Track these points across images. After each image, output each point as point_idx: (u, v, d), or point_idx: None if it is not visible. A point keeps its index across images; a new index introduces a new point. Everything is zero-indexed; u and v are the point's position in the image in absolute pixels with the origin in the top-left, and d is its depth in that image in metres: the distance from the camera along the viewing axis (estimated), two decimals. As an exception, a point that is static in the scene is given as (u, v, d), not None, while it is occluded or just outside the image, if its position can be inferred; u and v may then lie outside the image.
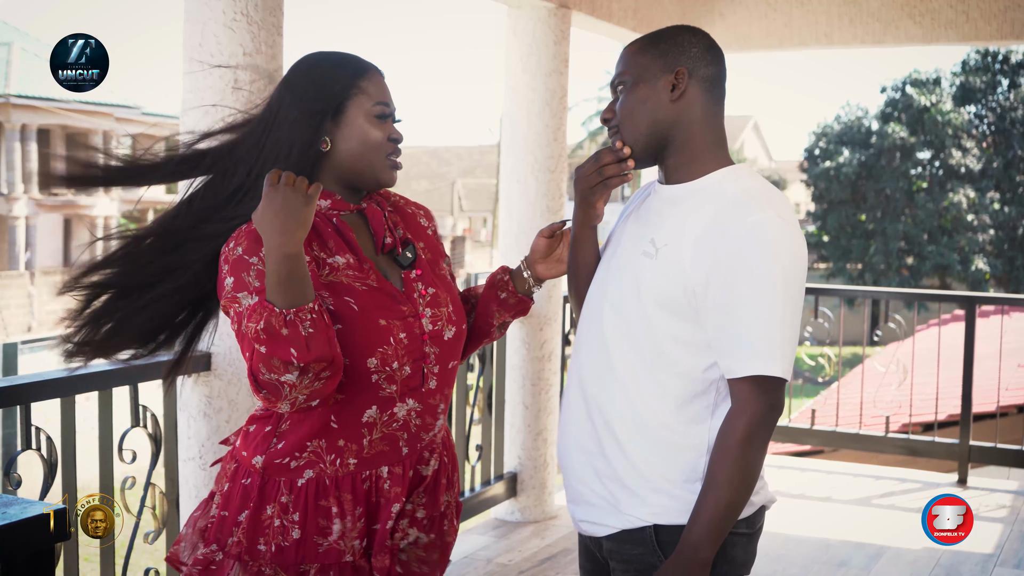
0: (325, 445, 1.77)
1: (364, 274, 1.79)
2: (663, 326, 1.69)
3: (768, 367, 1.63)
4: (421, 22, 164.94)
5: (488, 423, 4.36)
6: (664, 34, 1.78)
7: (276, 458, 1.78)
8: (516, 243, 4.43)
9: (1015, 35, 5.25)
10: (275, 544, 1.77)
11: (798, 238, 1.67)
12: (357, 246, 1.81)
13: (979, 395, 5.99)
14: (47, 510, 1.56)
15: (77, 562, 2.57)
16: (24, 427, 2.51)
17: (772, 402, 1.65)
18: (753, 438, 1.64)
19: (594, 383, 1.78)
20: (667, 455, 1.71)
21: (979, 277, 24.55)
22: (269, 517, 1.78)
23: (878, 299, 6.09)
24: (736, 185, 1.71)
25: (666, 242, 1.71)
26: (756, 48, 5.73)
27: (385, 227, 1.85)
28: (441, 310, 1.85)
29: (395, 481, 1.81)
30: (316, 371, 1.62)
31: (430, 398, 1.83)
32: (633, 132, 1.76)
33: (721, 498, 1.63)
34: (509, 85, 4.45)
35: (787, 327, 1.64)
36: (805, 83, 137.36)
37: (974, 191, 24.73)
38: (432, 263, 1.92)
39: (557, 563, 3.94)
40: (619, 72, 1.78)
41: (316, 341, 1.60)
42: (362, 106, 1.79)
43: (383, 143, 1.80)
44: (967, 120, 25.41)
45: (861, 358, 6.60)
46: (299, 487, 1.77)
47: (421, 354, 1.80)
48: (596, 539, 1.82)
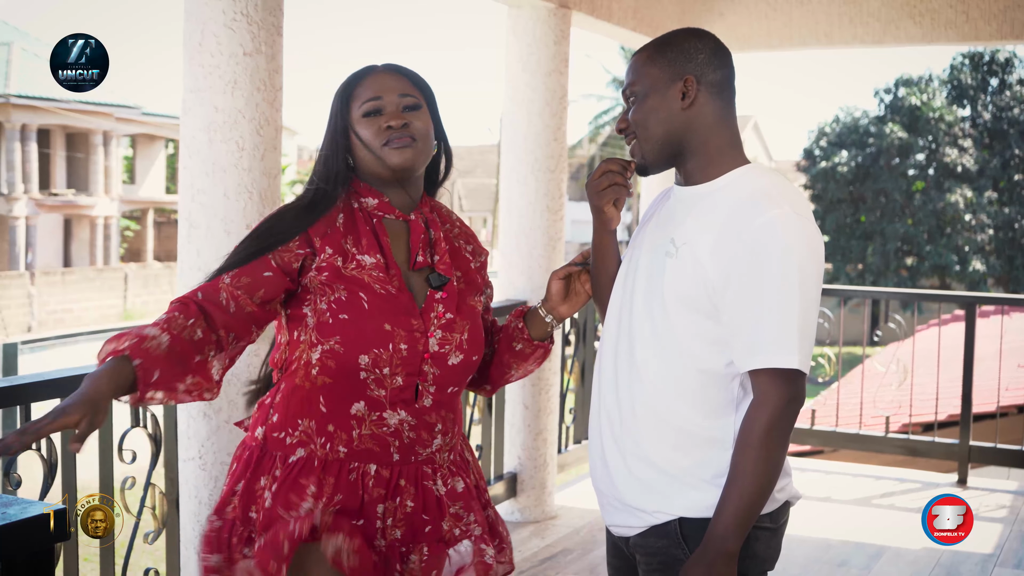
0: (315, 427, 1.83)
1: (388, 279, 1.85)
2: (686, 324, 1.73)
3: (786, 359, 1.66)
4: (421, 22, 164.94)
5: (488, 423, 4.36)
6: (671, 41, 1.81)
7: (273, 431, 1.87)
8: (516, 243, 4.43)
9: (1015, 35, 5.25)
10: (263, 514, 1.82)
11: (814, 233, 1.71)
12: (389, 251, 1.88)
13: (979, 395, 5.99)
14: (47, 510, 1.56)
15: (77, 562, 2.57)
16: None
17: (792, 394, 1.68)
18: (775, 430, 1.67)
19: (619, 383, 1.81)
20: (692, 451, 1.75)
21: (977, 277, 24.55)
22: (261, 488, 1.84)
23: (878, 299, 6.09)
24: (752, 183, 1.75)
25: (685, 241, 1.74)
26: (756, 48, 5.73)
27: (421, 245, 1.91)
28: (454, 335, 1.88)
29: (379, 482, 1.84)
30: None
31: (425, 415, 1.87)
32: (647, 141, 1.81)
33: (745, 490, 1.66)
34: (509, 85, 4.45)
35: (804, 320, 1.67)
36: (805, 83, 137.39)
37: (971, 191, 24.73)
38: (463, 293, 1.96)
39: (557, 563, 3.94)
40: (630, 82, 1.82)
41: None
42: (355, 114, 1.91)
43: (375, 137, 1.88)
44: (961, 119, 25.41)
45: (861, 358, 6.60)
46: (290, 463, 1.83)
47: (418, 370, 1.84)
48: (624, 537, 1.85)
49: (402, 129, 1.88)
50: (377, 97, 1.90)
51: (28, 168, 26.60)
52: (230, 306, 1.81)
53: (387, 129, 1.88)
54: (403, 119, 1.88)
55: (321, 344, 1.82)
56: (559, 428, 4.79)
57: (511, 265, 4.45)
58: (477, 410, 4.33)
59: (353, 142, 1.91)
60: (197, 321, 1.78)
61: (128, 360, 1.68)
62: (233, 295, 1.81)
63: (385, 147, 1.88)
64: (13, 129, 26.04)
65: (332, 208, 1.89)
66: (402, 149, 1.87)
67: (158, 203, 31.32)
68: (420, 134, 1.90)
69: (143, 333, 1.72)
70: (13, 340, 13.80)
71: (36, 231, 27.16)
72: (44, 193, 27.33)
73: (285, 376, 1.89)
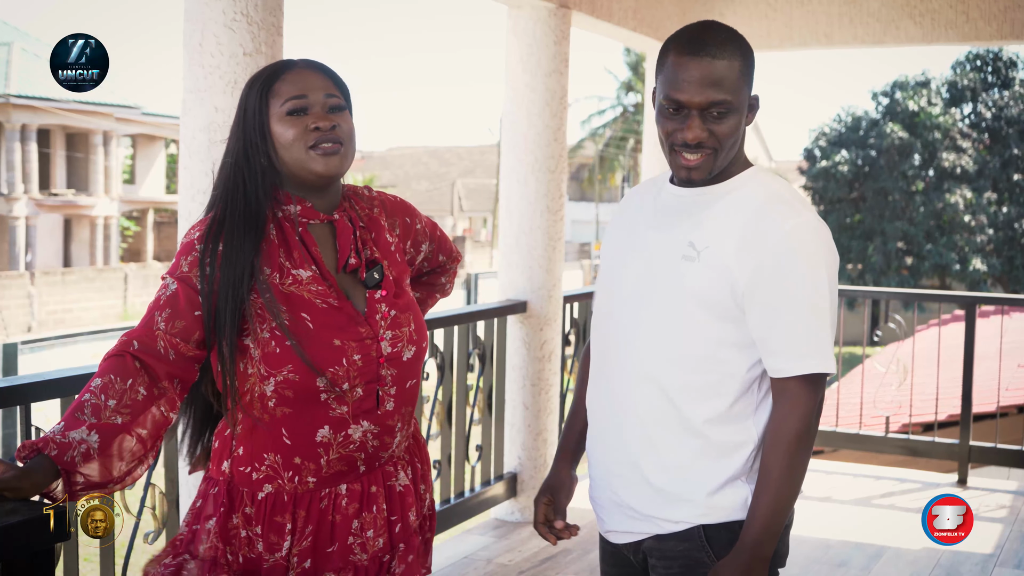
0: (281, 461, 1.77)
1: (326, 291, 1.77)
2: (709, 328, 1.72)
3: (818, 364, 1.69)
4: (421, 22, 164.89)
5: (488, 423, 4.36)
6: (749, 55, 1.74)
7: (239, 465, 1.79)
8: (516, 243, 4.43)
9: (1015, 35, 5.25)
10: (242, 555, 1.77)
11: (831, 239, 1.74)
12: (321, 261, 1.79)
13: (979, 395, 5.99)
14: (47, 510, 1.56)
15: (77, 562, 2.57)
16: (24, 427, 2.50)
17: (821, 398, 1.71)
18: (805, 435, 1.69)
19: (633, 392, 1.78)
20: (714, 455, 1.73)
21: (977, 277, 24.54)
22: (235, 526, 1.78)
23: (878, 299, 6.09)
24: (765, 188, 1.75)
25: (707, 244, 1.72)
26: (756, 48, 5.64)
27: (351, 246, 1.82)
28: (402, 330, 1.83)
29: (353, 498, 1.81)
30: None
31: (387, 419, 1.81)
32: (727, 156, 1.75)
33: (780, 495, 1.68)
34: (509, 85, 4.45)
35: (830, 324, 1.71)
36: (805, 83, 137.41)
37: (971, 191, 24.73)
38: (398, 280, 1.88)
39: (557, 563, 3.94)
40: (723, 96, 1.69)
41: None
42: (275, 111, 1.78)
43: (299, 138, 1.76)
44: (959, 120, 25.40)
45: (861, 358, 6.60)
46: (259, 500, 1.78)
47: (376, 376, 1.78)
48: (631, 543, 1.83)
49: (330, 132, 1.76)
50: (302, 95, 1.77)
51: (28, 168, 26.60)
52: (169, 354, 1.72)
53: (314, 130, 1.76)
54: (331, 120, 1.77)
55: (273, 376, 1.73)
56: (559, 428, 4.79)
57: (511, 265, 4.45)
58: (477, 410, 4.33)
59: (273, 143, 1.78)
60: (136, 380, 1.69)
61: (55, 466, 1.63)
62: (171, 343, 1.72)
63: (312, 150, 1.76)
64: (13, 129, 26.04)
65: (265, 225, 1.77)
66: (328, 157, 1.76)
67: (158, 203, 31.32)
68: (346, 137, 1.79)
69: (67, 439, 1.63)
70: (13, 340, 13.80)
71: (36, 231, 27.17)
72: (44, 193, 27.33)
73: (240, 408, 1.79)
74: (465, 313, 4.15)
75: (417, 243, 2.01)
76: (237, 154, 1.80)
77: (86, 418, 1.65)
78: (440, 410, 4.08)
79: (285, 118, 1.77)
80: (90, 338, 14.50)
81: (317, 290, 1.76)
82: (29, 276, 23.34)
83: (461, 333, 4.13)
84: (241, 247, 1.74)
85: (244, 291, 1.73)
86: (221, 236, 1.75)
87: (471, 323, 4.22)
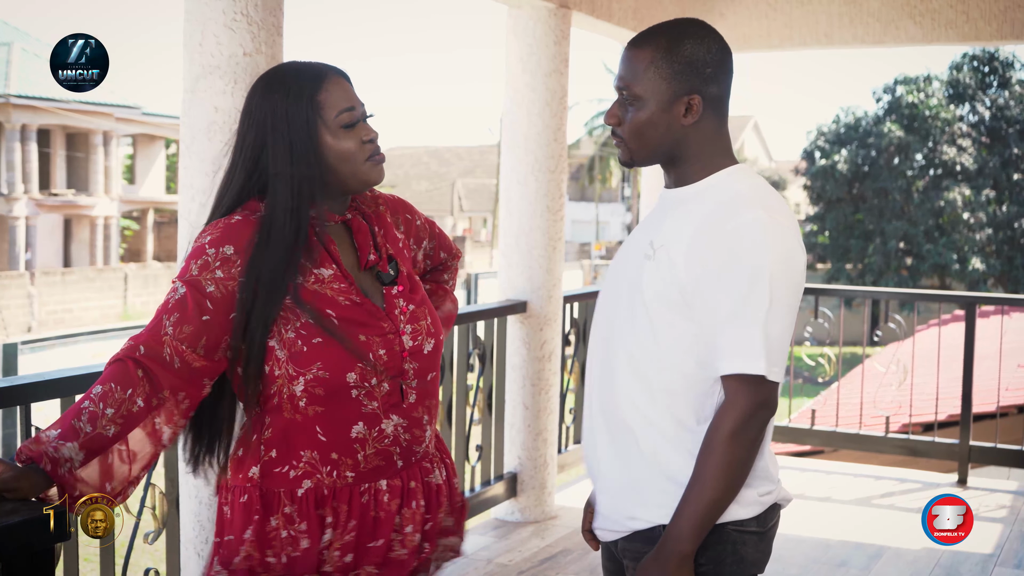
0: (319, 457, 1.78)
1: (348, 289, 1.80)
2: (666, 326, 1.70)
3: (751, 365, 1.64)
4: (421, 22, 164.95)
5: (488, 423, 4.36)
6: (679, 49, 1.70)
7: (274, 467, 1.79)
8: (516, 243, 4.43)
9: (1015, 35, 5.25)
10: (286, 555, 1.78)
11: (787, 237, 1.67)
12: (340, 260, 1.82)
13: (979, 395, 5.99)
14: (47, 510, 1.56)
15: (77, 562, 2.57)
16: (24, 427, 2.50)
17: (760, 400, 1.65)
18: (739, 435, 1.65)
19: (606, 389, 1.79)
20: (676, 455, 1.72)
21: (977, 277, 24.55)
22: (275, 529, 1.78)
23: (878, 299, 6.08)
24: (731, 187, 1.72)
25: (663, 243, 1.72)
26: (756, 48, 5.73)
27: (370, 243, 1.86)
28: (421, 324, 1.86)
29: (394, 493, 1.83)
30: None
31: (413, 412, 1.84)
32: (640, 150, 1.75)
33: (705, 493, 1.65)
34: (509, 85, 4.45)
35: (775, 325, 1.64)
36: (805, 83, 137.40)
37: (970, 189, 24.73)
38: (411, 276, 1.92)
39: (557, 563, 3.94)
40: (627, 82, 1.72)
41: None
42: (328, 122, 1.78)
43: (358, 150, 1.80)
44: (959, 117, 25.41)
45: (861, 358, 6.60)
46: (299, 497, 1.78)
47: (400, 371, 1.82)
48: (612, 541, 1.84)
49: (377, 143, 1.82)
50: (352, 107, 1.80)
51: (28, 168, 26.61)
52: (174, 362, 1.70)
53: (368, 143, 1.81)
54: (374, 131, 1.82)
55: (302, 375, 1.75)
56: (559, 428, 4.79)
57: (511, 265, 4.45)
58: (477, 410, 4.33)
59: (323, 153, 1.78)
60: (136, 389, 1.68)
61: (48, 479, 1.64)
62: (177, 349, 1.70)
63: (368, 162, 1.80)
64: (13, 129, 26.05)
65: (308, 234, 1.79)
66: (380, 167, 1.82)
67: (158, 203, 31.33)
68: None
69: (59, 455, 1.63)
70: (13, 340, 13.80)
71: (36, 231, 27.18)
72: (44, 193, 27.34)
73: (269, 411, 1.80)
74: (465, 313, 4.15)
75: (419, 240, 2.05)
76: (279, 163, 1.77)
77: (82, 426, 1.66)
78: (440, 410, 4.08)
79: (341, 131, 1.79)
80: (90, 338, 14.49)
81: (339, 288, 1.79)
82: (29, 276, 23.35)
83: (461, 333, 4.14)
84: (289, 259, 1.75)
85: (280, 300, 1.75)
86: (267, 245, 1.75)
87: (471, 323, 4.22)
